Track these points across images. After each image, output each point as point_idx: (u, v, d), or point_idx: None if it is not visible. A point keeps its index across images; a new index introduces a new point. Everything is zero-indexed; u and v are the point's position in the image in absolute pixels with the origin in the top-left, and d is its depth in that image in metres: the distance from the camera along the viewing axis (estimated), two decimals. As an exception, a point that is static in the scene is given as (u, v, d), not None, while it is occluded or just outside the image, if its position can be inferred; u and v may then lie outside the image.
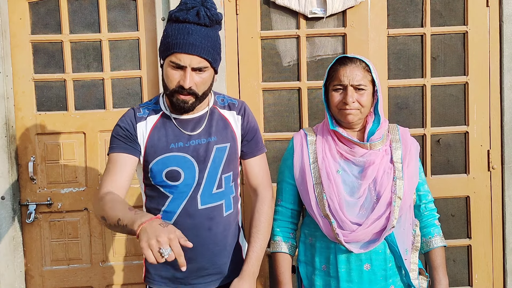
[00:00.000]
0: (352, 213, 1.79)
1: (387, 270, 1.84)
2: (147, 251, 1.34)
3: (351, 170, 1.84)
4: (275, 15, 2.67)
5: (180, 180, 1.76)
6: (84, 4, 2.70)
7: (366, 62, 1.82)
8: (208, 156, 1.77)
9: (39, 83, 2.72)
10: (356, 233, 1.77)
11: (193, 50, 1.63)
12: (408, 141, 1.92)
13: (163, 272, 1.82)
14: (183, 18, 1.64)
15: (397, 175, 1.82)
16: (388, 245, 1.84)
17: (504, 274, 2.72)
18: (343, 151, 1.85)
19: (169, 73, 1.68)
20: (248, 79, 2.66)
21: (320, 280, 1.89)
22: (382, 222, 1.78)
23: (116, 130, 1.79)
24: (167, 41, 1.67)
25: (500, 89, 2.67)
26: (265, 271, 2.70)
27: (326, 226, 1.81)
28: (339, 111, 1.83)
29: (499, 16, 2.65)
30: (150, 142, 1.76)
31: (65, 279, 2.77)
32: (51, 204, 2.72)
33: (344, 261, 1.83)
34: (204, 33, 1.65)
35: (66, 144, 2.73)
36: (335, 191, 1.81)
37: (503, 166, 2.69)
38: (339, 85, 1.81)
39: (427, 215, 1.97)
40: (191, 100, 1.70)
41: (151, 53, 2.71)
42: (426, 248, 1.96)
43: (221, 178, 1.81)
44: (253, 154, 1.89)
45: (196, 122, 1.79)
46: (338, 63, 1.83)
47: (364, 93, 1.80)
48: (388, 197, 1.80)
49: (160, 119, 1.79)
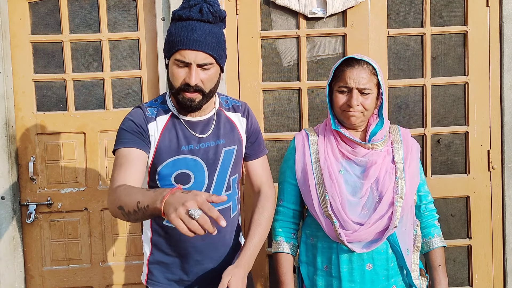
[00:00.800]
0: (354, 213, 1.79)
1: (389, 270, 1.84)
2: (178, 221, 1.22)
3: (353, 170, 1.84)
4: (275, 15, 2.67)
5: (190, 183, 1.74)
6: (84, 4, 2.70)
7: (373, 65, 1.81)
8: (217, 159, 1.76)
9: (39, 83, 2.72)
10: (358, 233, 1.77)
11: (198, 46, 1.61)
12: (409, 141, 1.92)
13: (169, 275, 1.81)
14: (186, 16, 1.63)
15: (399, 175, 1.82)
16: (390, 245, 1.84)
17: (504, 274, 2.72)
18: (345, 151, 1.85)
19: (174, 71, 1.65)
20: (248, 79, 2.66)
21: (321, 280, 1.88)
22: (384, 222, 1.78)
23: (127, 124, 1.69)
24: (171, 40, 1.65)
25: (500, 89, 2.67)
26: (265, 272, 2.70)
27: (328, 226, 1.81)
28: (343, 112, 1.83)
29: (499, 16, 2.65)
30: (162, 143, 1.71)
31: (65, 279, 2.77)
32: (51, 204, 2.72)
33: (346, 261, 1.83)
34: (208, 29, 1.63)
35: (66, 144, 2.73)
36: (337, 191, 1.81)
37: (503, 166, 2.69)
38: (345, 87, 1.81)
39: (427, 216, 1.98)
40: (198, 98, 1.66)
41: (151, 53, 2.71)
42: (426, 249, 1.96)
43: (229, 180, 1.81)
44: (256, 156, 1.90)
45: (205, 125, 1.77)
46: (345, 64, 1.82)
47: (368, 97, 1.80)
48: (390, 197, 1.80)
49: (170, 120, 1.75)
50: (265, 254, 2.68)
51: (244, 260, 1.70)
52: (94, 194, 2.74)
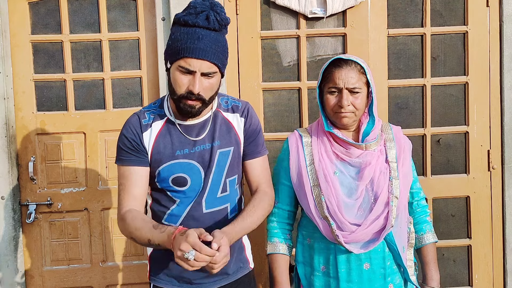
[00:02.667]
0: (351, 214, 1.80)
1: (386, 269, 1.85)
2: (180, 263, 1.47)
3: (348, 171, 1.84)
4: (275, 15, 2.67)
5: (187, 186, 1.75)
6: (84, 4, 2.70)
7: (361, 64, 1.81)
8: (212, 160, 1.76)
9: (39, 83, 2.72)
10: (356, 234, 1.78)
11: (204, 55, 1.60)
12: (401, 140, 1.93)
13: (169, 271, 1.82)
14: (193, 23, 1.61)
15: (392, 175, 1.83)
16: (387, 243, 1.85)
17: (504, 274, 2.72)
18: (339, 152, 1.86)
19: (178, 78, 1.64)
20: (248, 79, 2.66)
21: (319, 281, 1.89)
22: (380, 222, 1.79)
23: (122, 141, 1.75)
24: (176, 45, 1.63)
25: (500, 89, 2.67)
26: (265, 272, 2.70)
27: (325, 228, 1.81)
28: (335, 114, 1.83)
29: (499, 16, 2.65)
30: (156, 150, 1.74)
31: (65, 279, 2.77)
32: (51, 204, 2.72)
33: (344, 261, 1.84)
34: (214, 38, 1.63)
35: (66, 144, 2.73)
36: (333, 193, 1.81)
37: (503, 166, 2.69)
38: (334, 88, 1.81)
39: (419, 212, 2.00)
40: (198, 105, 1.67)
41: (151, 53, 2.71)
42: (418, 245, 1.98)
43: (226, 182, 1.80)
44: (253, 156, 1.87)
45: (200, 127, 1.77)
46: (332, 65, 1.82)
47: (359, 96, 1.80)
48: (386, 197, 1.81)
49: (165, 126, 1.76)
50: (266, 254, 2.67)
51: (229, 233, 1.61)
52: (94, 194, 2.74)
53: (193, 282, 1.81)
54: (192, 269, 1.46)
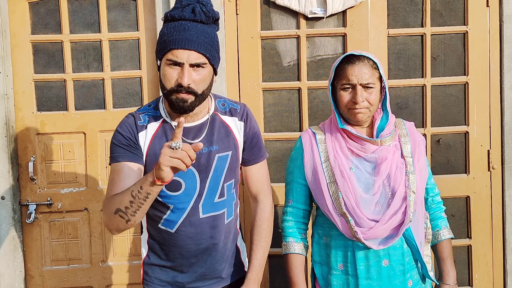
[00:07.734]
0: (368, 210, 1.79)
1: (404, 265, 1.83)
2: (168, 160, 1.39)
3: (364, 167, 1.83)
4: (275, 15, 2.67)
5: (181, 190, 1.72)
6: (84, 4, 2.70)
7: (374, 60, 1.81)
8: (209, 165, 1.73)
9: (39, 83, 2.72)
10: (374, 230, 1.76)
11: (190, 45, 1.58)
12: (416, 135, 1.92)
13: (162, 276, 1.80)
14: (179, 16, 1.61)
15: (409, 170, 1.82)
16: (405, 239, 1.83)
17: (504, 274, 2.72)
18: (354, 148, 1.84)
19: (166, 72, 1.61)
20: (248, 79, 2.66)
21: (336, 279, 1.86)
22: (399, 217, 1.77)
23: (117, 137, 1.72)
24: (163, 40, 1.63)
25: (500, 89, 2.67)
26: (265, 271, 2.70)
27: (343, 225, 1.80)
28: (349, 110, 1.82)
29: (499, 16, 2.65)
30: (151, 151, 1.71)
31: (65, 279, 2.77)
32: (51, 204, 2.72)
33: (362, 258, 1.82)
34: (200, 29, 1.61)
35: (66, 144, 2.73)
36: (351, 189, 1.79)
37: (503, 166, 2.69)
38: (348, 84, 1.80)
39: (435, 208, 1.98)
40: (191, 99, 1.63)
41: (151, 53, 2.71)
42: (434, 241, 1.96)
43: (223, 186, 1.78)
44: (255, 161, 1.85)
45: (197, 130, 1.74)
46: (345, 62, 1.81)
47: (373, 91, 1.80)
48: (403, 192, 1.79)
49: (161, 127, 1.73)
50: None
51: (252, 278, 1.76)
52: (94, 194, 2.74)
53: (186, 286, 1.80)
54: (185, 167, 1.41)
